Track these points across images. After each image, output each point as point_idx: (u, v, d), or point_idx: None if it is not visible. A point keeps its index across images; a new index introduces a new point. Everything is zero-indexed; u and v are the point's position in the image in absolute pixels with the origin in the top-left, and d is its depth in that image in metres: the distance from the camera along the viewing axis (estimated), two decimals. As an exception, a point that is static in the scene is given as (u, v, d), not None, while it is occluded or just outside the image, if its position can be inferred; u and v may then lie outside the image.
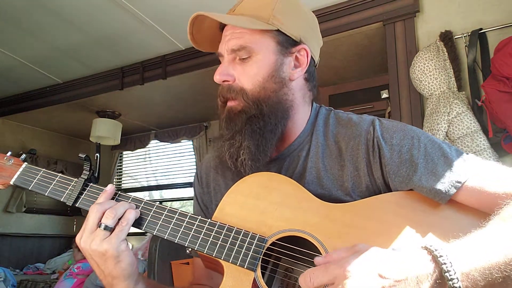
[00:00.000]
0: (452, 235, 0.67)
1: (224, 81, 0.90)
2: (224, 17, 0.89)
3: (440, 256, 0.60)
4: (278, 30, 0.90)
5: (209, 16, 0.88)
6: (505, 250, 0.62)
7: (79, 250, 3.73)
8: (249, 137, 0.87)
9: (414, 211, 0.80)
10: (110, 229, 0.80)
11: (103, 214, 0.81)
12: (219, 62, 0.94)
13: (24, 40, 3.16)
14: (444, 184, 0.77)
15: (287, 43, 0.91)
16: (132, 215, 0.82)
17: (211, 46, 0.99)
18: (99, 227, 0.79)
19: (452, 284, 0.58)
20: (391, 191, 0.85)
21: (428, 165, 0.81)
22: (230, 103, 0.90)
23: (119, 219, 0.82)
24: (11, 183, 0.93)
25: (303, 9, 0.97)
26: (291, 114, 0.93)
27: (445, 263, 0.59)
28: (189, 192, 5.02)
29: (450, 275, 0.58)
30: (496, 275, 0.60)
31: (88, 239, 0.79)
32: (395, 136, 0.86)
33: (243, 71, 0.89)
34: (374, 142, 0.87)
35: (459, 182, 0.77)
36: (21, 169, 0.94)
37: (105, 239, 0.79)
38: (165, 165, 5.28)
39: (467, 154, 0.83)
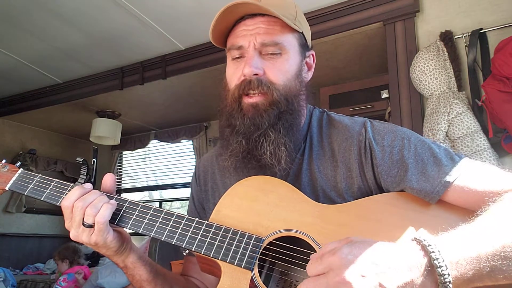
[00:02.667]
0: (442, 229, 0.69)
1: (255, 74, 0.88)
2: (272, 11, 0.87)
3: (429, 245, 0.61)
4: (302, 33, 0.94)
5: (255, 4, 0.86)
6: (491, 241, 0.64)
7: (62, 261, 3.64)
8: (285, 133, 0.89)
9: (406, 211, 0.82)
10: (93, 226, 0.83)
11: (85, 210, 0.83)
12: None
13: (24, 40, 3.16)
14: (433, 185, 0.80)
15: (305, 47, 0.96)
16: (107, 211, 0.83)
17: (219, 39, 0.96)
18: (83, 225, 0.83)
19: (441, 271, 0.60)
20: (383, 192, 0.87)
21: (418, 166, 0.83)
22: (253, 99, 0.89)
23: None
24: (7, 188, 0.93)
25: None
26: (301, 116, 0.95)
27: (433, 252, 0.61)
28: (189, 192, 5.01)
29: (438, 263, 0.60)
30: (483, 264, 0.62)
31: (77, 233, 0.84)
32: (386, 138, 0.88)
33: (273, 66, 0.90)
34: (366, 144, 0.89)
35: (448, 182, 0.79)
36: (16, 175, 0.94)
37: (91, 234, 0.83)
38: (165, 165, 5.28)
39: (456, 154, 0.85)
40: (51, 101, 4.07)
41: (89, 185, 0.88)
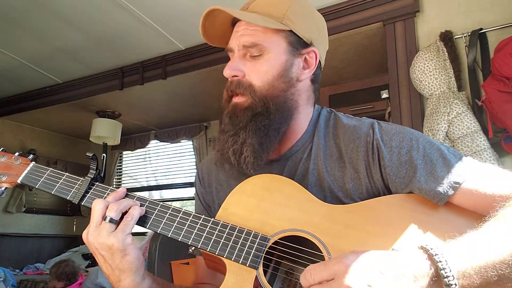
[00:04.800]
0: (450, 236, 0.68)
1: (233, 76, 0.91)
2: (239, 13, 0.90)
3: (436, 254, 0.61)
4: (290, 31, 0.91)
5: (224, 11, 0.88)
6: (500, 249, 0.63)
7: (58, 280, 3.41)
8: (253, 134, 0.88)
9: (414, 213, 0.81)
10: (116, 222, 0.81)
11: (107, 207, 0.82)
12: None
13: (24, 40, 3.16)
14: (442, 185, 0.78)
15: (298, 44, 0.93)
16: (137, 211, 0.84)
17: (220, 41, 0.99)
18: (104, 220, 0.81)
19: (448, 281, 0.59)
20: (391, 193, 0.86)
21: (427, 167, 0.82)
22: (236, 99, 0.91)
23: (124, 214, 0.84)
24: (19, 181, 0.95)
25: (315, 12, 0.99)
26: (295, 115, 0.94)
27: (440, 261, 0.60)
28: (189, 192, 5.02)
29: (445, 273, 0.59)
30: (491, 273, 0.61)
31: (95, 232, 0.81)
32: (394, 139, 0.87)
33: (254, 68, 0.90)
34: (373, 145, 0.88)
35: (457, 183, 0.78)
36: (28, 168, 0.96)
37: (111, 232, 0.80)
38: (165, 165, 5.28)
39: (465, 156, 0.84)
40: (51, 101, 4.06)
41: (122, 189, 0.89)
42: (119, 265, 0.82)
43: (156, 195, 5.48)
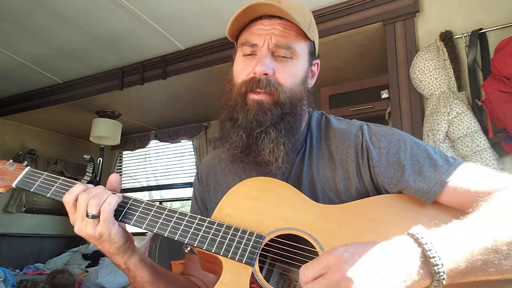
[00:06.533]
0: (436, 225, 0.72)
1: (265, 73, 0.90)
2: (292, 16, 0.89)
3: (422, 237, 0.65)
4: (312, 42, 0.97)
5: (274, 5, 0.88)
6: (483, 235, 0.66)
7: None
8: (287, 133, 0.91)
9: (403, 211, 0.84)
10: (97, 217, 0.84)
11: (88, 202, 0.84)
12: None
13: (24, 40, 3.16)
14: (429, 184, 0.82)
15: (312, 55, 0.99)
16: (114, 200, 0.85)
17: (232, 33, 0.99)
18: (87, 216, 0.83)
19: (434, 261, 0.62)
20: (380, 193, 0.90)
21: (414, 167, 0.85)
22: (260, 96, 0.90)
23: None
24: (13, 185, 0.95)
25: None
26: (302, 121, 0.98)
27: (426, 243, 0.64)
28: (189, 192, 5.02)
29: (431, 254, 0.63)
30: (476, 257, 0.64)
31: (82, 226, 0.85)
32: (383, 140, 0.91)
33: (283, 69, 0.92)
34: (362, 146, 0.91)
35: (444, 182, 0.81)
36: (23, 173, 0.97)
37: (96, 226, 0.84)
38: (165, 165, 5.28)
39: (451, 156, 0.88)
40: (51, 101, 4.07)
41: (91, 185, 0.90)
42: (108, 250, 0.88)
43: (156, 195, 5.49)
